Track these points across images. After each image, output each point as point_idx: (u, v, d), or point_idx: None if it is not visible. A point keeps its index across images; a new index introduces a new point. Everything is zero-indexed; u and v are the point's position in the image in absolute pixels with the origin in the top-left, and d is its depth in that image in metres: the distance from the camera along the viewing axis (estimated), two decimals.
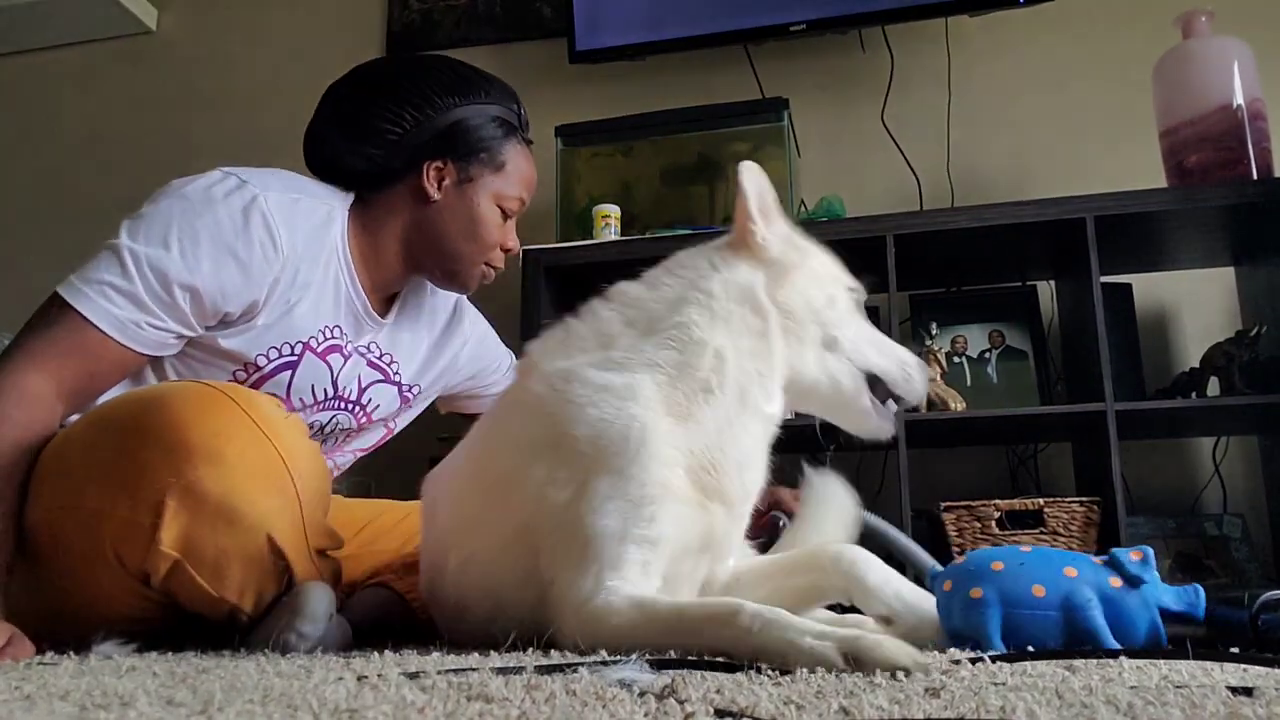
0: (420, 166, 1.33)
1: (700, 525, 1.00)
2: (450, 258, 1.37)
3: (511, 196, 1.39)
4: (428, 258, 1.37)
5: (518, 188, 1.39)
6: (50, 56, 3.01)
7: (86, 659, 0.90)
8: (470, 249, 1.37)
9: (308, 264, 1.26)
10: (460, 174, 1.35)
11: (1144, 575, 0.96)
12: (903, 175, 2.34)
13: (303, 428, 1.12)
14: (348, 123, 1.35)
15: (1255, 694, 0.60)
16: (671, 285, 1.08)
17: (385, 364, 1.42)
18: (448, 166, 1.34)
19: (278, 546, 1.02)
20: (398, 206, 1.35)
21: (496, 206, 1.37)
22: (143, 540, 0.98)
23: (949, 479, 2.16)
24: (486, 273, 1.42)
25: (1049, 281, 2.21)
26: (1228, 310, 2.12)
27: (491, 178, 1.36)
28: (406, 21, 2.73)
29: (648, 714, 0.55)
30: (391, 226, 1.35)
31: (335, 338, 1.32)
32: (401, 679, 0.67)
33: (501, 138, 1.37)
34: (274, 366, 1.26)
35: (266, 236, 1.21)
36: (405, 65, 1.42)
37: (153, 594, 1.03)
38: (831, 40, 2.40)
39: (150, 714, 0.53)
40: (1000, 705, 0.56)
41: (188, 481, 0.97)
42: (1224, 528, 2.00)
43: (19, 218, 2.90)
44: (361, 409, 1.40)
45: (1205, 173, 1.91)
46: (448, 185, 1.34)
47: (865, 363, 1.11)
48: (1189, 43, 1.98)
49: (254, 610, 1.04)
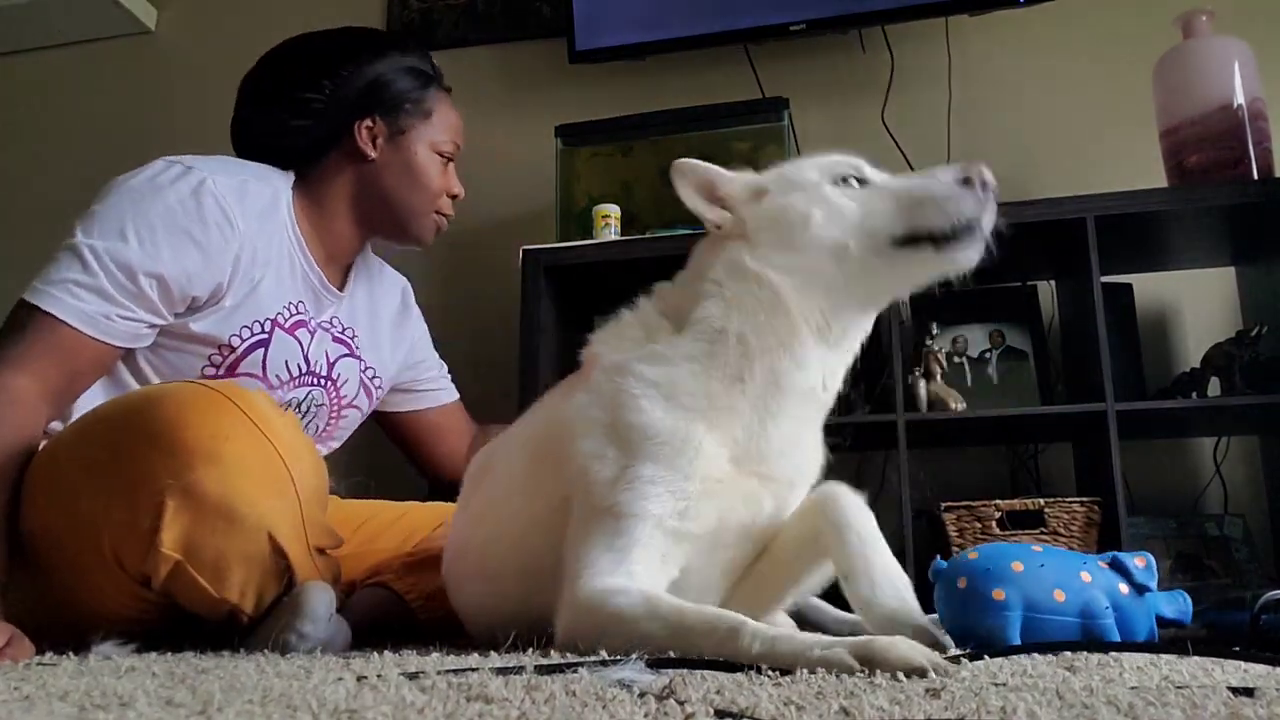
0: (351, 128, 1.36)
1: (744, 514, 1.01)
2: (400, 211, 1.40)
3: (445, 141, 1.43)
4: (378, 216, 1.40)
5: (449, 132, 1.44)
6: (50, 56, 3.01)
7: (86, 659, 0.90)
8: (418, 199, 1.41)
9: (263, 242, 1.28)
10: (391, 128, 1.38)
11: (1149, 583, 0.96)
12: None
13: (299, 426, 1.12)
14: (270, 102, 1.38)
15: (1256, 694, 0.60)
16: (690, 280, 1.10)
17: (349, 338, 1.44)
18: (378, 124, 1.37)
19: (279, 546, 1.02)
20: (338, 173, 1.38)
21: (434, 153, 1.41)
22: (142, 542, 0.98)
23: (949, 479, 2.16)
24: (439, 221, 1.45)
25: (1049, 281, 2.20)
26: (1228, 310, 2.12)
27: (423, 126, 1.40)
28: (406, 21, 2.72)
29: (648, 714, 0.54)
30: (336, 193, 1.38)
31: (300, 313, 1.34)
32: (401, 679, 0.67)
33: (422, 87, 1.41)
34: (247, 346, 1.27)
35: (221, 216, 1.23)
36: (311, 38, 1.45)
37: (152, 596, 1.03)
38: (831, 40, 2.40)
39: (149, 714, 0.53)
40: (1001, 705, 0.56)
41: (187, 482, 0.97)
42: (1225, 528, 2.00)
43: (19, 217, 2.90)
44: (333, 384, 1.41)
45: (1206, 173, 1.91)
46: (382, 142, 1.38)
47: (888, 228, 1.02)
48: (1189, 42, 1.98)
49: (254, 611, 1.04)
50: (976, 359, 2.13)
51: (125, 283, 1.17)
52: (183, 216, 1.20)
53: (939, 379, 1.98)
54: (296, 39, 1.43)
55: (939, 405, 1.94)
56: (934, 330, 2.13)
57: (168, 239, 1.19)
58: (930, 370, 1.99)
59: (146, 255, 1.17)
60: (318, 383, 1.38)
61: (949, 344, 2.13)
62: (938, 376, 1.98)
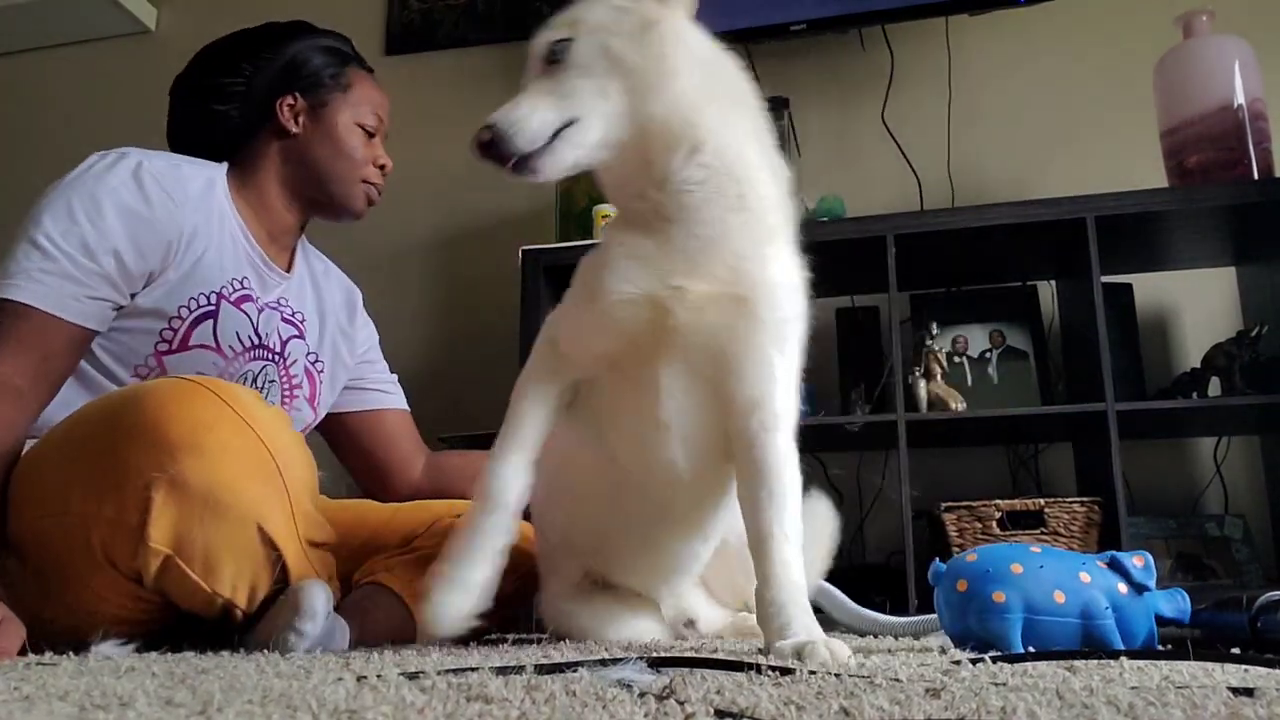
0: (273, 108, 1.41)
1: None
2: (328, 181, 1.43)
3: (366, 113, 1.46)
4: (308, 189, 1.43)
5: (370, 105, 1.47)
6: (50, 56, 3.02)
7: (86, 659, 0.90)
8: (343, 167, 1.43)
9: (202, 219, 1.31)
10: (312, 101, 1.42)
11: (1148, 583, 0.96)
12: (903, 175, 2.34)
13: (286, 419, 1.12)
14: (195, 95, 1.43)
15: (1256, 694, 0.60)
16: None
17: (298, 321, 1.46)
18: (299, 101, 1.42)
19: (268, 536, 1.02)
20: (266, 152, 1.42)
21: (355, 125, 1.44)
22: (131, 538, 0.98)
23: (949, 479, 2.16)
24: (369, 191, 1.48)
25: (1049, 281, 2.21)
26: (1228, 310, 2.12)
27: (341, 100, 1.44)
28: (406, 21, 2.72)
29: (648, 714, 0.54)
30: (266, 172, 1.41)
31: (246, 289, 1.36)
32: (401, 679, 0.67)
33: (339, 63, 1.46)
34: (195, 316, 1.29)
35: (161, 192, 1.26)
36: (233, 34, 1.49)
37: (147, 594, 1.03)
38: (831, 40, 2.40)
39: (149, 714, 0.53)
40: (1001, 706, 0.56)
41: (172, 475, 0.97)
42: (1225, 528, 2.00)
43: (19, 217, 2.90)
44: (284, 361, 1.42)
45: (1206, 173, 1.91)
46: (304, 118, 1.42)
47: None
48: (1189, 42, 1.98)
49: (248, 606, 1.04)
50: (977, 359, 2.13)
51: (86, 262, 1.19)
52: (126, 195, 1.23)
53: (939, 379, 1.98)
54: (214, 42, 1.48)
55: (939, 405, 1.94)
56: (934, 330, 2.13)
57: (116, 215, 1.22)
58: (930, 370, 1.99)
59: (100, 233, 1.20)
60: (270, 358, 1.40)
61: (949, 344, 2.13)
62: (938, 376, 1.98)
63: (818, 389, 2.15)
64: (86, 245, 1.19)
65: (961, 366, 2.12)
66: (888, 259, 1.91)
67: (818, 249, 1.05)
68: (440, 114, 2.54)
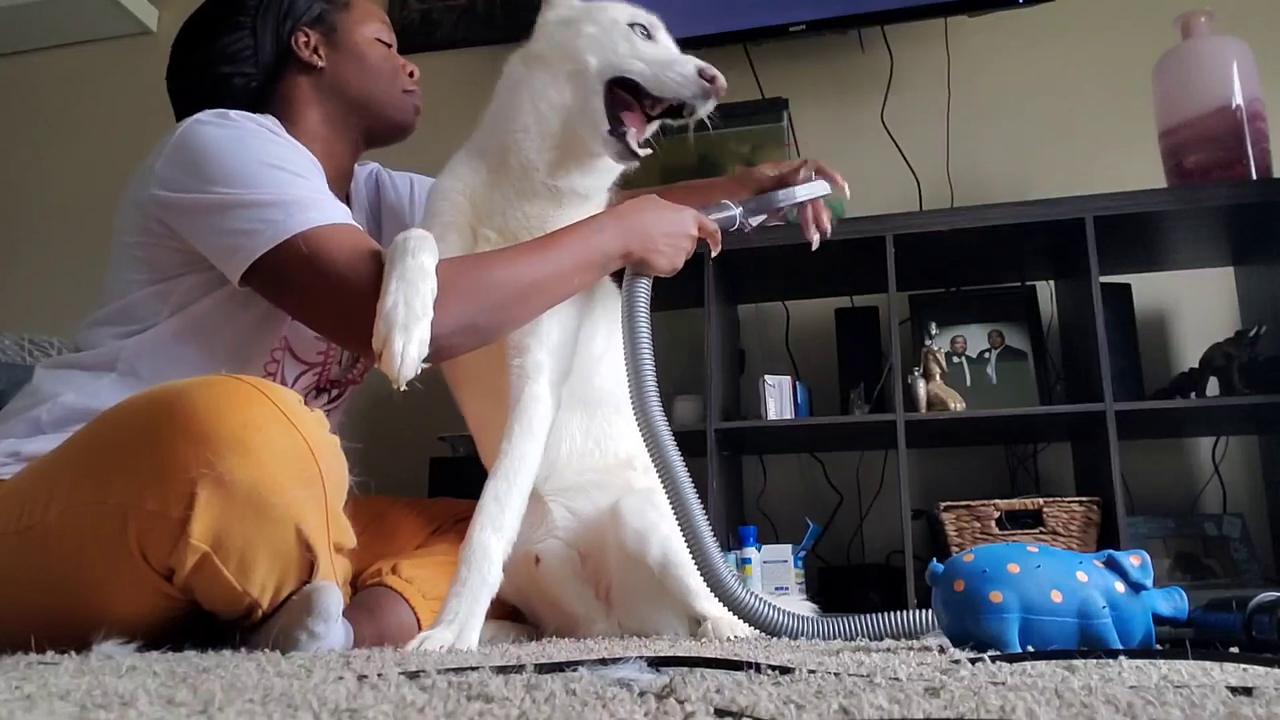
0: (290, 50, 1.39)
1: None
2: (370, 101, 1.42)
3: (378, 27, 1.46)
4: (354, 116, 1.42)
5: (375, 18, 1.47)
6: (50, 56, 3.01)
7: (87, 659, 0.89)
8: (381, 83, 1.43)
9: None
10: (324, 30, 1.41)
11: (1144, 581, 0.96)
12: (902, 175, 2.34)
13: (325, 422, 1.11)
14: (202, 69, 1.39)
15: (1255, 694, 0.60)
16: None
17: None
18: (310, 34, 1.40)
19: (305, 538, 1.01)
20: (299, 96, 1.40)
21: (375, 40, 1.44)
22: (171, 534, 0.96)
23: (949, 479, 2.16)
24: (412, 100, 1.47)
25: (1049, 281, 2.21)
26: (1227, 310, 2.12)
27: (348, 18, 1.43)
28: (406, 21, 2.73)
29: (648, 714, 0.55)
30: (309, 114, 1.40)
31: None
32: (401, 679, 0.67)
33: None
34: None
35: (276, 128, 1.28)
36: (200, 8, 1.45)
37: (171, 590, 1.01)
38: (831, 40, 2.40)
39: (150, 714, 0.53)
40: (1000, 705, 0.56)
41: (218, 472, 0.96)
42: (1223, 528, 2.01)
43: (19, 217, 2.90)
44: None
45: (1205, 173, 1.91)
46: (323, 49, 1.40)
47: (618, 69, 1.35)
48: (1189, 43, 1.99)
49: (269, 607, 1.03)
50: (976, 359, 2.13)
51: (293, 172, 1.21)
52: (270, 134, 1.25)
53: (938, 379, 1.98)
54: (193, 13, 1.45)
55: (938, 405, 1.95)
56: (933, 330, 2.13)
57: (281, 150, 1.23)
58: (930, 370, 1.99)
59: (294, 161, 1.22)
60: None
61: (948, 344, 2.13)
62: (937, 376, 1.98)
63: (817, 389, 2.15)
64: (298, 172, 1.21)
65: (960, 366, 2.12)
66: (887, 259, 1.91)
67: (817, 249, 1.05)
68: (440, 114, 2.53)
